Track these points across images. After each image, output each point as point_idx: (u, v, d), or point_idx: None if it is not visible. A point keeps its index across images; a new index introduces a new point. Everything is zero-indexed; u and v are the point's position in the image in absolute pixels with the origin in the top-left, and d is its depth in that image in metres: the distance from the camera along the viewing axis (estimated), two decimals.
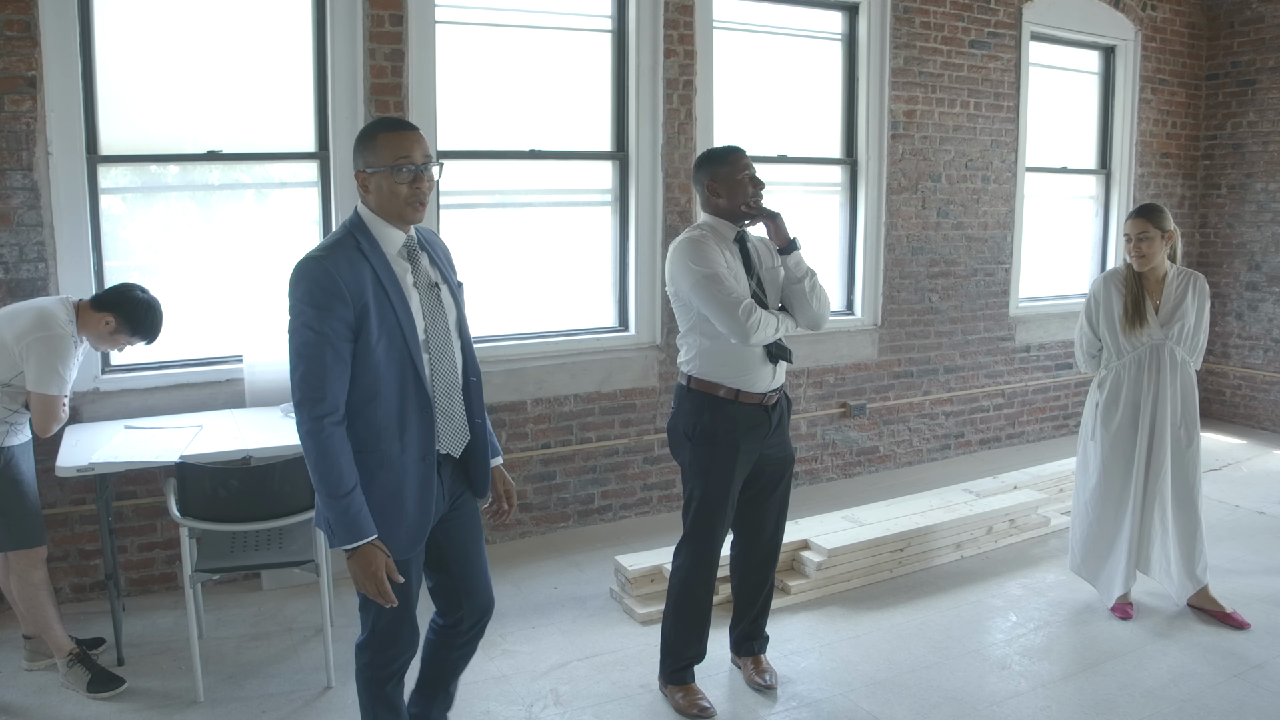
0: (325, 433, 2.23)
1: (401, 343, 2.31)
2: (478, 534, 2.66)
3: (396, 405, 2.33)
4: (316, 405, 2.23)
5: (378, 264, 2.31)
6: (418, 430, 2.36)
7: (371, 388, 2.29)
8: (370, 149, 2.33)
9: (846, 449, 6.08)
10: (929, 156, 6.11)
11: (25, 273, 3.90)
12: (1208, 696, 3.39)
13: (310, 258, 2.28)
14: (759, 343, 3.11)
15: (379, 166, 2.32)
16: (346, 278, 2.24)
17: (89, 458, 3.41)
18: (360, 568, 2.28)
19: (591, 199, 5.23)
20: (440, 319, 2.43)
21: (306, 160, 4.51)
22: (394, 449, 2.33)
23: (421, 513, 2.40)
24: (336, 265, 2.25)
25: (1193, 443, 3.94)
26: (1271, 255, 7.10)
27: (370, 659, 2.53)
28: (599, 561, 4.57)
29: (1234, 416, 7.41)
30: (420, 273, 2.41)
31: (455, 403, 2.47)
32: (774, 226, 3.23)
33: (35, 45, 3.81)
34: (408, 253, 2.40)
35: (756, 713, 3.34)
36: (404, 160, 2.32)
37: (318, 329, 2.22)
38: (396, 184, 2.32)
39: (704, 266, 3.08)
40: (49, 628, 3.43)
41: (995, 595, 4.29)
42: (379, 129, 2.36)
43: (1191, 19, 7.25)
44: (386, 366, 2.30)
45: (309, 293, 2.23)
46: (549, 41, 5.00)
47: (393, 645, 2.52)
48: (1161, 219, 3.81)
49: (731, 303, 3.04)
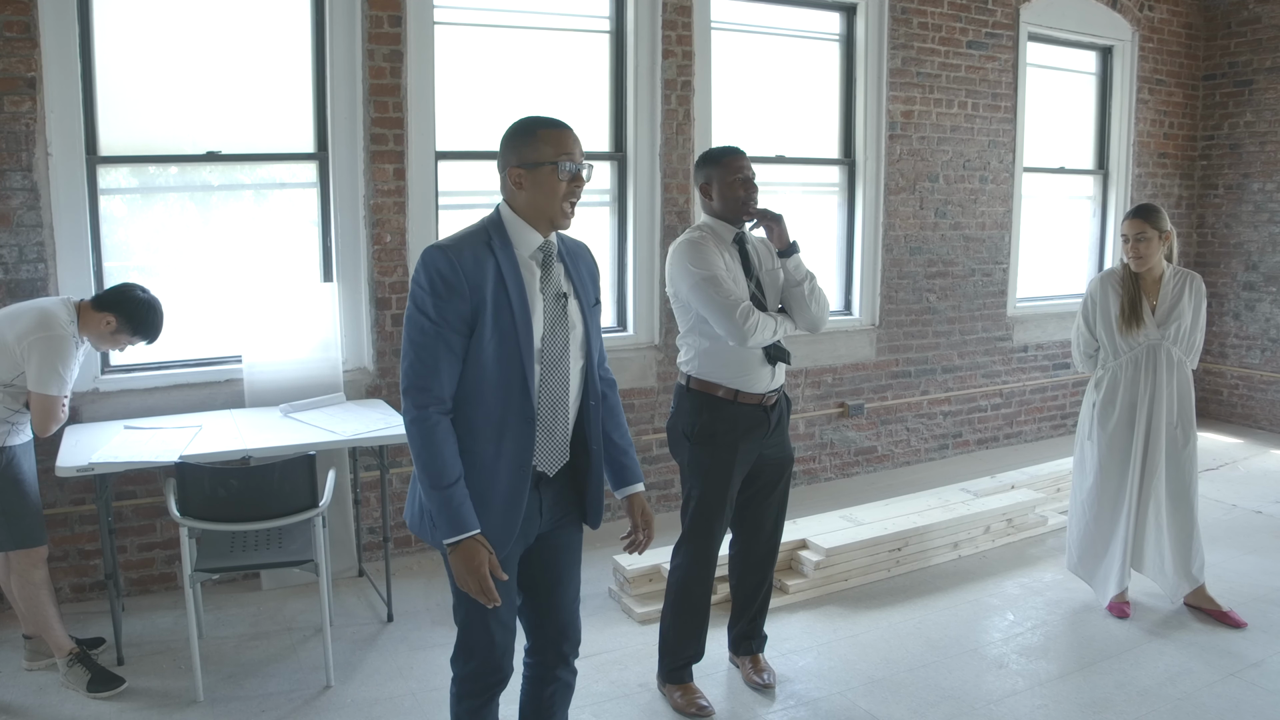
0: (430, 421, 2.17)
1: (515, 347, 2.22)
2: (574, 561, 2.51)
3: (499, 410, 2.23)
4: (423, 394, 2.17)
5: (505, 262, 2.23)
6: (515, 439, 2.25)
7: (475, 387, 2.22)
8: (528, 144, 2.24)
9: (844, 449, 6.09)
10: (927, 157, 6.12)
11: (25, 273, 3.91)
12: (1204, 695, 3.40)
13: (437, 246, 2.21)
14: (757, 345, 3.13)
15: (540, 162, 2.23)
16: (469, 270, 2.17)
17: (89, 458, 3.42)
18: (463, 562, 2.17)
19: (589, 199, 5.23)
20: (561, 331, 2.31)
21: (305, 161, 4.52)
22: (488, 453, 2.23)
23: (507, 519, 2.27)
24: (460, 256, 2.18)
25: (1189, 442, 3.95)
26: (1268, 255, 7.11)
27: (460, 672, 2.40)
28: (597, 561, 4.56)
29: (1231, 416, 7.42)
30: (550, 280, 2.31)
31: (560, 420, 2.33)
32: (775, 229, 3.24)
33: (35, 46, 3.82)
34: (542, 257, 2.30)
35: (755, 711, 3.35)
36: (566, 157, 2.25)
37: (434, 318, 2.16)
38: (558, 181, 2.24)
39: (702, 268, 3.09)
40: (49, 627, 3.43)
41: (993, 594, 4.30)
42: (538, 125, 2.26)
43: (1189, 19, 7.26)
44: (494, 368, 2.22)
45: (430, 280, 2.16)
46: (547, 42, 5.01)
47: (484, 652, 2.36)
48: (1158, 219, 3.83)
49: (729, 305, 3.05)
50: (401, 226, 4.58)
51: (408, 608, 4.09)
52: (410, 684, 3.47)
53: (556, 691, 2.56)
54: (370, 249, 4.55)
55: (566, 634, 2.52)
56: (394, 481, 4.37)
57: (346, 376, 4.51)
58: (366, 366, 4.61)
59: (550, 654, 2.51)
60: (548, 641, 2.50)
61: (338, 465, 4.21)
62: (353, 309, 4.57)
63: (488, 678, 2.40)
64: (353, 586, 4.40)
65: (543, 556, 2.43)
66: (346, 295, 4.55)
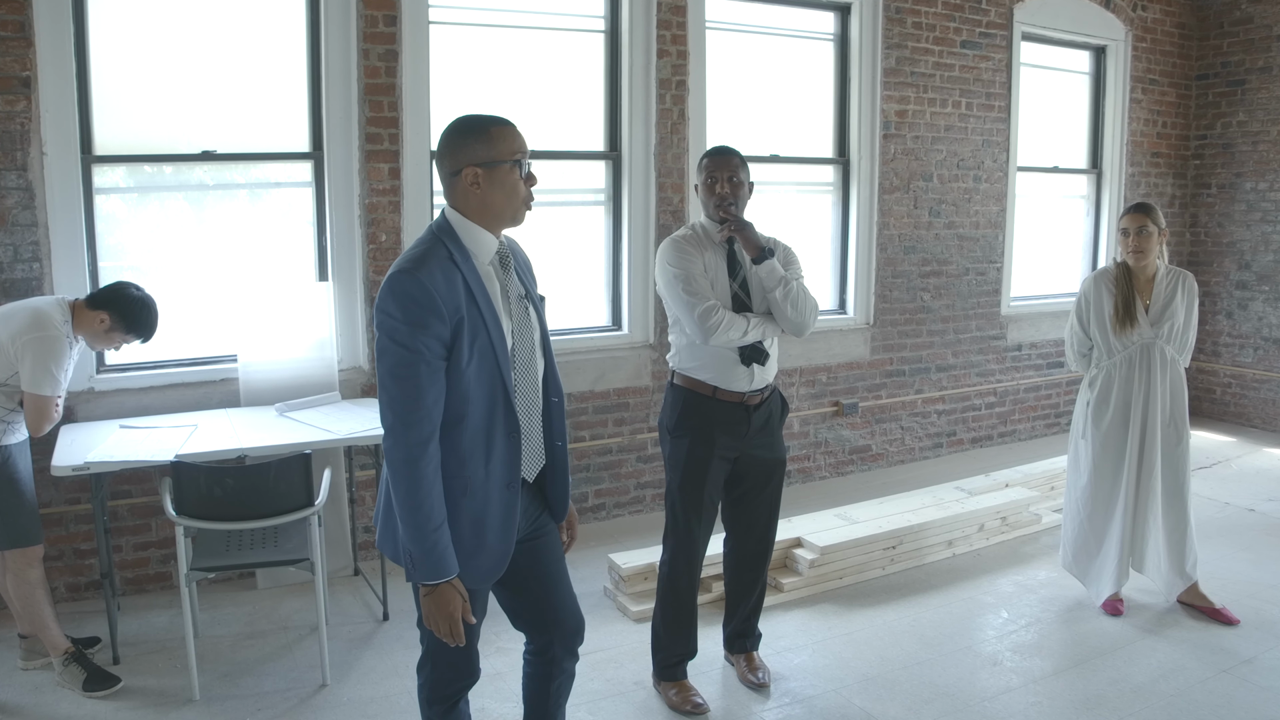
0: (423, 461, 2.07)
1: (493, 362, 2.16)
2: (559, 555, 2.51)
3: (484, 428, 2.17)
4: (413, 430, 2.06)
5: (469, 275, 2.13)
6: (503, 455, 2.21)
7: (459, 410, 2.13)
8: (483, 143, 2.13)
9: (839, 447, 6.10)
10: (921, 156, 6.13)
11: (20, 273, 3.91)
12: (1197, 692, 3.42)
13: (402, 270, 2.07)
14: (722, 345, 3.16)
15: (498, 160, 2.14)
16: (442, 291, 2.06)
17: (84, 457, 3.42)
18: (436, 607, 2.14)
19: (585, 199, 5.24)
20: (527, 334, 2.27)
21: (300, 160, 4.52)
22: (479, 475, 2.18)
23: (503, 542, 2.25)
24: (431, 278, 2.06)
25: (1182, 440, 3.96)
26: (1261, 254, 7.14)
27: (427, 678, 2.42)
28: (593, 560, 4.58)
29: (1224, 414, 7.45)
30: (511, 284, 2.25)
31: (535, 424, 2.33)
32: (742, 238, 3.23)
33: (29, 45, 3.81)
34: (499, 260, 2.23)
35: (749, 709, 3.35)
36: (521, 154, 2.17)
37: (411, 347, 2.04)
38: (518, 179, 2.17)
39: (677, 267, 3.17)
40: (45, 626, 3.43)
41: (987, 592, 4.32)
42: (489, 123, 2.16)
43: (1182, 19, 7.28)
44: (476, 387, 2.14)
45: (402, 308, 2.04)
46: (542, 42, 5.02)
47: (449, 671, 2.39)
48: (1157, 216, 3.88)
49: (693, 304, 3.12)
50: (397, 226, 4.59)
51: (403, 606, 4.09)
52: (406, 682, 3.47)
53: (563, 684, 2.56)
54: (365, 248, 4.55)
55: (573, 627, 2.50)
56: None
57: (342, 375, 4.52)
58: (362, 365, 4.61)
59: (558, 649, 2.50)
60: (554, 638, 2.48)
61: (333, 464, 4.21)
62: (348, 308, 4.57)
63: (456, 683, 2.42)
64: (348, 585, 4.40)
65: (529, 559, 2.41)
66: (342, 294, 4.55)
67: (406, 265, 2.09)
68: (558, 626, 2.48)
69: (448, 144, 2.18)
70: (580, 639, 2.54)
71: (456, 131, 2.18)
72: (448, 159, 2.17)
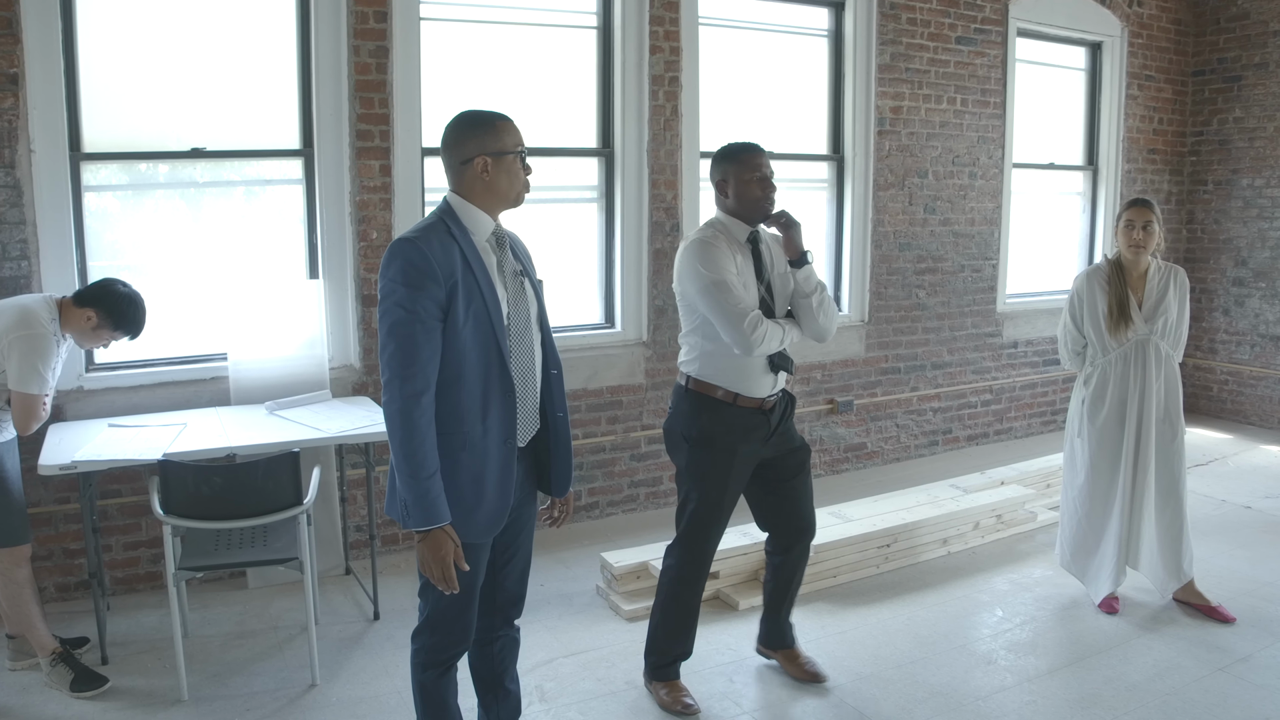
0: (415, 411, 2.26)
1: (488, 326, 2.36)
2: (531, 533, 2.68)
3: (480, 388, 2.37)
4: (407, 383, 2.26)
5: (466, 247, 2.36)
6: (500, 413, 2.40)
7: (457, 369, 2.33)
8: (491, 135, 2.39)
9: (834, 445, 6.09)
10: (916, 153, 6.12)
11: (8, 270, 3.88)
12: (1193, 690, 3.40)
13: (404, 239, 2.31)
14: (762, 354, 3.09)
15: (505, 150, 2.39)
16: (439, 258, 2.29)
17: (72, 456, 3.40)
18: (430, 550, 2.30)
19: (577, 195, 5.22)
20: (522, 306, 2.48)
21: (291, 157, 4.49)
22: (476, 431, 2.37)
23: (501, 496, 2.43)
24: (429, 245, 2.29)
25: (1177, 437, 3.95)
26: (1258, 250, 7.12)
27: (424, 644, 2.54)
28: (585, 558, 4.56)
29: (1220, 412, 7.44)
30: (506, 260, 2.47)
31: (530, 390, 2.51)
32: (788, 237, 3.18)
33: (17, 42, 3.79)
34: (495, 239, 2.45)
35: (741, 708, 3.34)
36: (522, 145, 2.43)
37: (409, 308, 2.26)
38: (520, 167, 2.42)
39: (713, 272, 3.03)
40: (33, 627, 3.41)
41: (982, 591, 4.30)
42: (494, 117, 2.42)
43: (1178, 15, 7.27)
44: (472, 348, 2.35)
45: (402, 272, 2.26)
46: (534, 38, 4.99)
47: (449, 632, 2.52)
48: (1159, 213, 3.87)
49: (738, 314, 3.00)
50: (387, 223, 4.56)
51: (394, 606, 4.07)
52: (396, 682, 3.44)
53: (504, 646, 2.73)
54: (356, 245, 4.53)
55: (514, 601, 2.70)
56: (380, 479, 4.35)
57: (332, 374, 4.49)
58: (352, 364, 4.59)
59: (496, 619, 2.67)
60: (495, 608, 2.66)
61: (323, 463, 4.18)
62: (339, 306, 4.55)
63: (452, 649, 2.55)
64: (339, 584, 4.38)
65: (505, 531, 2.54)
66: (332, 292, 4.53)
67: (408, 235, 2.34)
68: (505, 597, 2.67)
69: (457, 135, 2.41)
70: (520, 612, 2.73)
71: (466, 124, 2.42)
72: (457, 149, 2.41)
